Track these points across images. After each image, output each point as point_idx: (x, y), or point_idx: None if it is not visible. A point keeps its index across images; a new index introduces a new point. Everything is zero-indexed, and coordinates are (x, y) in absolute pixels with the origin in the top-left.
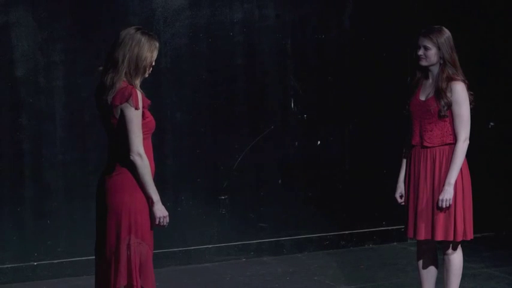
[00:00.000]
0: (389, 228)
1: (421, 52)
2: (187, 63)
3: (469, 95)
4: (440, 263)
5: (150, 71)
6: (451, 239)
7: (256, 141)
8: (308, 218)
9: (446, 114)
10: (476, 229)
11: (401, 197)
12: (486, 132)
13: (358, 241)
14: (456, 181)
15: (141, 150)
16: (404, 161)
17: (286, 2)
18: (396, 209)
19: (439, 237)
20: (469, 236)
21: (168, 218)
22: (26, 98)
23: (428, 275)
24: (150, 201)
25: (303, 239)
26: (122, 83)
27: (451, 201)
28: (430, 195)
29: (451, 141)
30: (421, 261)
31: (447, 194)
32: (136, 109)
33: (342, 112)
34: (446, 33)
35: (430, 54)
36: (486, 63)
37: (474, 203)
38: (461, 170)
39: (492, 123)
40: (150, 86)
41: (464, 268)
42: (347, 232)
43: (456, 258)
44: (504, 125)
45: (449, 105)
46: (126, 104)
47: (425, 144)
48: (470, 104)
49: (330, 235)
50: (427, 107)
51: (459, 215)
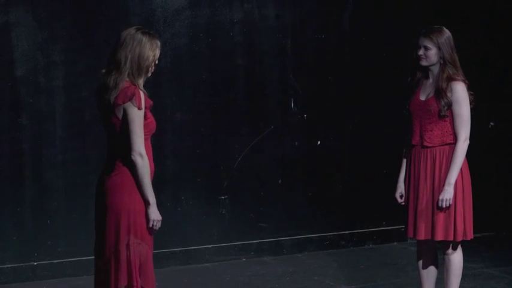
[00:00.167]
0: (389, 228)
1: (421, 52)
2: (187, 63)
3: (469, 95)
4: (440, 263)
5: (153, 69)
6: (451, 239)
7: (256, 141)
8: (308, 218)
9: (447, 114)
10: (476, 229)
11: (401, 196)
12: (486, 132)
13: (358, 241)
14: (456, 181)
15: (143, 151)
16: (404, 160)
17: (286, 2)
18: (396, 209)
19: (439, 237)
20: (469, 236)
21: (160, 222)
22: (26, 98)
23: (429, 275)
24: (146, 203)
25: (303, 239)
26: (124, 83)
27: (451, 201)
28: (430, 195)
29: (451, 141)
30: (421, 261)
31: (447, 194)
32: (139, 109)
33: (342, 112)
34: (447, 33)
35: (431, 54)
36: (486, 63)
37: (474, 203)
38: (461, 170)
39: (492, 123)
40: (150, 86)
41: (464, 268)
42: (347, 232)
43: (456, 258)
44: (504, 125)
45: (450, 105)
46: (129, 104)
47: (425, 144)
48: (471, 104)
49: (330, 235)
50: (427, 107)
51: (459, 215)
